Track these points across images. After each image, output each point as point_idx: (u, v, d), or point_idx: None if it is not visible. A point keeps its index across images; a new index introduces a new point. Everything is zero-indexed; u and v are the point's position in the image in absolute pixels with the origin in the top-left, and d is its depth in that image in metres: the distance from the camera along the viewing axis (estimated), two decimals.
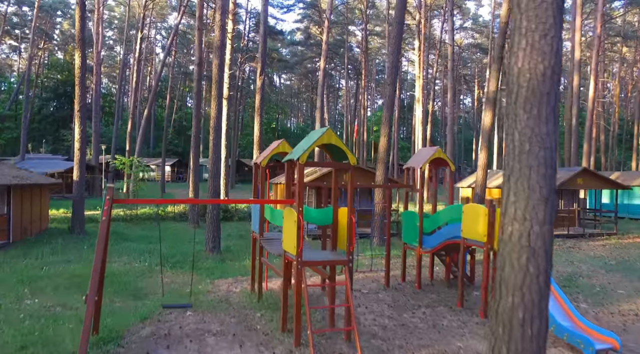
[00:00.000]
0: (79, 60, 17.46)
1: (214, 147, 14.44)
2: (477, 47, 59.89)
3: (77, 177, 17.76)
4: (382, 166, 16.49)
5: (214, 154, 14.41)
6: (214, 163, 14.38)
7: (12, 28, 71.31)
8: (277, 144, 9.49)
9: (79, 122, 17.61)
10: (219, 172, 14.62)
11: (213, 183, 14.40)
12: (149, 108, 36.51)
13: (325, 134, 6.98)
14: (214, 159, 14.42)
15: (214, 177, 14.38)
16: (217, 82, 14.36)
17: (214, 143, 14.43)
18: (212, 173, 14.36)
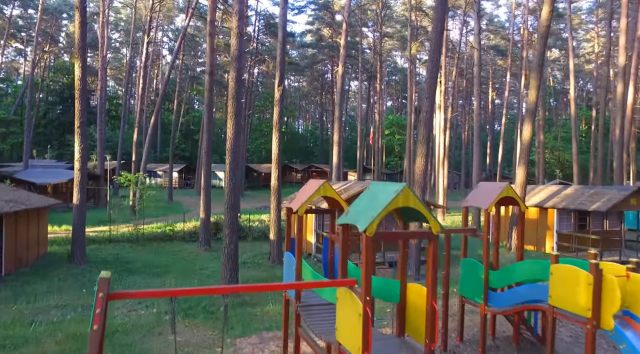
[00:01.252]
0: (79, 71, 15.73)
1: (230, 172, 12.63)
2: (494, 49, 57.72)
3: (77, 201, 16.03)
4: (419, 190, 14.61)
5: (231, 181, 12.60)
6: (231, 191, 12.57)
7: (18, 31, 69.99)
8: (318, 185, 7.64)
9: (79, 139, 15.88)
10: (238, 201, 12.80)
11: (230, 215, 12.59)
12: (156, 115, 34.82)
13: (401, 194, 5.12)
14: (231, 186, 12.61)
15: (231, 208, 12.57)
16: (234, 98, 12.55)
17: (231, 168, 12.62)
18: (229, 203, 12.55)
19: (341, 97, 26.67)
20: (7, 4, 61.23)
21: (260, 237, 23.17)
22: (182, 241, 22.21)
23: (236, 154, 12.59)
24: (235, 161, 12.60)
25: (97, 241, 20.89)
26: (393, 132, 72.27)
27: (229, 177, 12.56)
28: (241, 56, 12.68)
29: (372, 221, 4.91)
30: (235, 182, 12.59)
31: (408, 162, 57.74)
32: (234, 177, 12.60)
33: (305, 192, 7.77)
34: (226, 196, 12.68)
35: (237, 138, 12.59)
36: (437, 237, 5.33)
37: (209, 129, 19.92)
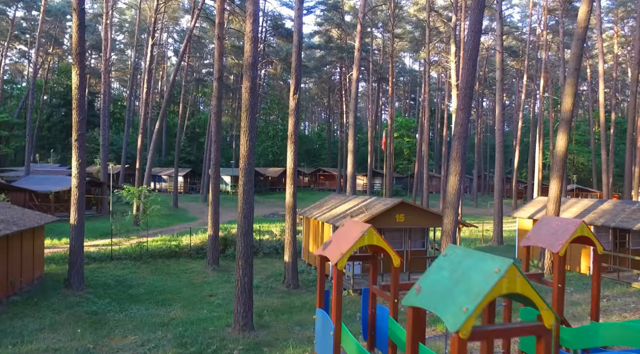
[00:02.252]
0: (77, 79, 14.36)
1: (244, 194, 11.21)
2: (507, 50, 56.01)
3: (75, 220, 14.67)
4: (453, 212, 13.15)
5: (245, 205, 11.17)
6: (245, 217, 11.15)
7: (22, 33, 68.93)
8: (360, 231, 6.18)
9: (77, 153, 14.51)
10: (251, 227, 11.38)
11: (244, 242, 11.17)
12: (161, 119, 33.49)
13: (505, 278, 3.67)
14: (245, 210, 11.20)
15: (244, 236, 11.14)
16: (248, 111, 11.13)
17: (245, 190, 11.20)
18: (243, 231, 11.13)
19: (355, 103, 25.20)
20: (10, 6, 60.19)
21: (271, 253, 21.75)
22: (188, 258, 20.82)
23: (250, 174, 11.16)
24: (250, 182, 11.17)
25: (97, 259, 19.54)
26: (402, 135, 70.69)
27: (243, 200, 11.14)
28: (256, 64, 11.26)
29: (468, 318, 3.44)
30: (249, 207, 11.17)
31: (419, 167, 56.28)
32: (248, 200, 11.18)
33: (345, 238, 6.29)
34: (239, 222, 11.26)
35: (251, 156, 11.18)
36: (549, 332, 3.87)
37: (217, 139, 18.50)
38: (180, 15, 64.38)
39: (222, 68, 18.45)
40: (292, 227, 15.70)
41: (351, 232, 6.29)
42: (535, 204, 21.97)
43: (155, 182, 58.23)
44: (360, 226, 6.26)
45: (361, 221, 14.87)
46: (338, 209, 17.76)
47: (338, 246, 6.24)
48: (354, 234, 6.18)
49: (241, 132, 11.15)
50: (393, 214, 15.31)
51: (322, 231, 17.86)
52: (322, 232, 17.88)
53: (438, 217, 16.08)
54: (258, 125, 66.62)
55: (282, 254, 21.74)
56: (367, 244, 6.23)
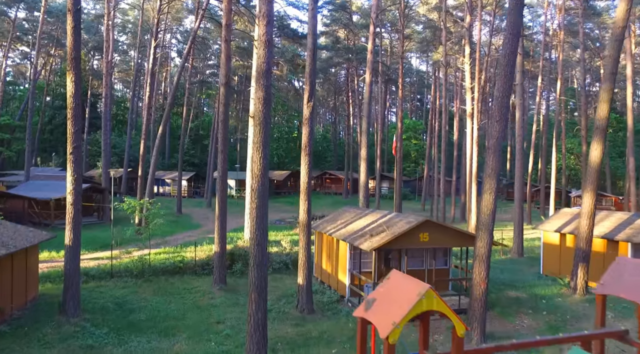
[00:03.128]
0: (73, 86, 13.12)
1: (257, 219, 9.93)
2: None
3: (70, 241, 13.43)
4: (487, 234, 11.84)
5: (258, 231, 9.90)
6: (258, 244, 9.88)
7: (24, 34, 67.86)
8: (415, 294, 4.87)
9: (72, 168, 13.27)
10: (265, 256, 10.10)
11: (258, 273, 9.89)
12: (164, 124, 32.27)
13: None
14: (257, 237, 9.92)
15: (258, 267, 9.87)
16: (262, 124, 9.85)
17: (258, 214, 9.92)
18: (256, 261, 9.85)
19: (369, 107, 23.90)
20: (11, 7, 59.17)
21: (281, 269, 20.44)
22: (193, 275, 19.51)
23: (264, 197, 9.89)
24: (264, 206, 9.90)
25: (96, 277, 18.29)
26: (409, 137, 69.33)
27: (256, 225, 9.87)
28: (270, 71, 10.00)
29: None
30: (263, 234, 9.90)
31: (428, 170, 54.96)
32: (262, 226, 9.90)
33: (395, 300, 4.99)
34: (252, 251, 9.99)
35: (265, 176, 9.90)
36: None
37: (224, 148, 17.23)
38: (183, 16, 63.26)
39: (230, 73, 17.17)
40: (306, 246, 14.41)
41: (404, 293, 4.98)
42: (562, 217, 20.59)
43: (158, 186, 57.09)
44: (416, 286, 4.95)
45: (383, 240, 13.59)
46: (355, 225, 16.46)
47: (387, 309, 4.92)
48: (407, 295, 4.87)
49: (254, 148, 9.87)
50: (417, 234, 14.01)
51: (338, 248, 16.57)
52: (338, 250, 16.59)
53: (465, 236, 14.77)
54: None
55: (292, 269, 20.48)
56: (426, 309, 4.92)
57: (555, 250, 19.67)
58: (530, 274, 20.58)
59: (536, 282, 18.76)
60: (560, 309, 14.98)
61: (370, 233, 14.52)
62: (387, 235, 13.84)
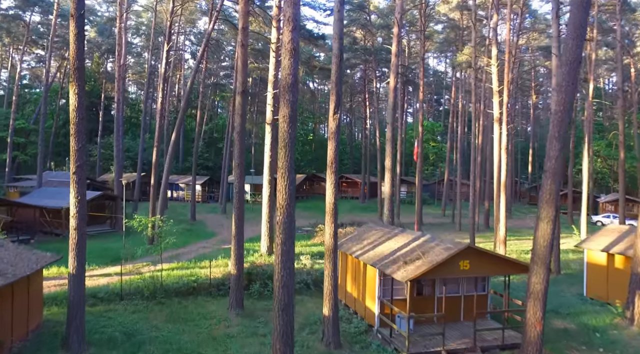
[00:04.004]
0: (75, 100, 11.90)
1: (283, 255, 8.56)
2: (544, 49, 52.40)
3: (74, 269, 12.21)
4: (543, 269, 10.30)
5: (285, 265, 8.52)
6: (283, 286, 8.49)
7: (39, 37, 67.65)
8: None
9: (75, 189, 12.05)
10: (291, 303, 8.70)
11: (283, 319, 8.49)
12: (178, 128, 31.09)
13: None
14: (284, 277, 8.53)
15: (283, 310, 8.47)
16: (287, 146, 8.45)
17: (284, 250, 8.55)
18: (281, 304, 8.46)
19: (394, 113, 22.39)
20: (26, 10, 58.85)
21: (302, 290, 19.02)
22: (207, 296, 18.23)
23: (291, 228, 8.49)
24: (291, 239, 8.51)
25: (105, 300, 17.11)
26: (427, 140, 67.49)
27: (281, 263, 8.50)
28: (296, 84, 8.59)
29: None
30: (289, 273, 8.52)
31: (448, 175, 53.16)
32: (288, 264, 8.51)
33: None
34: (277, 292, 8.61)
35: (292, 205, 8.50)
36: None
37: (240, 162, 15.88)
38: (197, 17, 62.30)
39: (247, 80, 15.83)
40: (333, 274, 12.98)
41: None
42: (608, 234, 18.84)
43: (172, 191, 56.24)
44: None
45: (419, 270, 12.09)
46: (383, 247, 14.99)
47: None
48: None
49: (279, 175, 8.47)
50: (456, 261, 12.50)
51: (365, 273, 15.11)
52: (365, 274, 15.13)
53: (511, 264, 13.20)
54: None
55: (314, 290, 19.08)
56: None
57: (602, 271, 17.94)
58: (573, 296, 18.87)
59: (582, 307, 17.08)
60: (618, 345, 13.33)
61: (404, 260, 13.04)
62: (423, 263, 12.35)
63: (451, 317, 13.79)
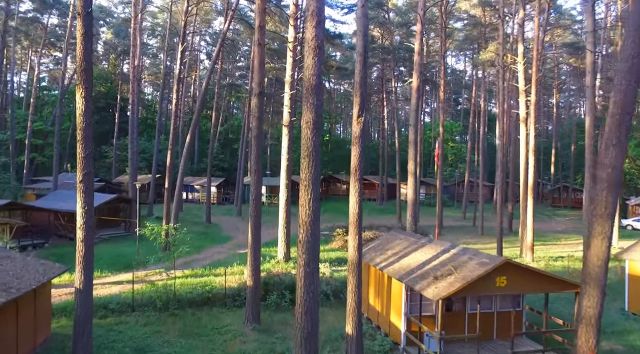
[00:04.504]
0: (83, 103, 11.15)
1: (306, 278, 7.62)
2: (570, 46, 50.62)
3: (81, 284, 11.47)
4: (598, 291, 9.16)
5: (307, 295, 7.58)
6: (307, 312, 7.54)
7: (57, 40, 68.05)
8: None
9: (82, 199, 11.30)
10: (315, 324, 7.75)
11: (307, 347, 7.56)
12: (192, 130, 30.46)
13: None
14: (308, 302, 7.60)
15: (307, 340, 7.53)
16: (311, 155, 7.51)
17: (307, 272, 7.63)
18: (305, 331, 7.52)
19: (417, 115, 21.31)
20: (43, 13, 59.11)
21: (322, 302, 17.95)
22: (222, 307, 17.40)
23: (315, 250, 7.55)
24: (314, 259, 7.56)
25: (116, 311, 16.40)
26: (446, 140, 65.93)
27: (304, 287, 7.60)
28: (321, 86, 7.63)
29: None
30: (314, 299, 7.58)
31: (468, 176, 51.73)
32: (312, 288, 7.58)
33: None
34: (300, 318, 7.68)
35: (316, 223, 7.55)
36: None
37: (257, 168, 15.00)
38: (212, 18, 61.81)
39: (264, 81, 14.94)
40: (357, 290, 12.00)
41: None
42: None
43: (187, 193, 55.82)
44: None
45: (453, 288, 11.05)
46: (410, 259, 13.95)
47: None
48: None
49: (301, 187, 7.55)
50: (492, 278, 11.43)
51: (390, 286, 14.10)
52: (390, 288, 14.12)
53: (554, 281, 12.05)
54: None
55: (334, 302, 18.13)
56: None
57: None
58: (614, 311, 17.54)
59: (625, 324, 15.79)
60: None
61: (434, 275, 12.00)
62: (456, 280, 11.30)
63: (484, 335, 12.71)
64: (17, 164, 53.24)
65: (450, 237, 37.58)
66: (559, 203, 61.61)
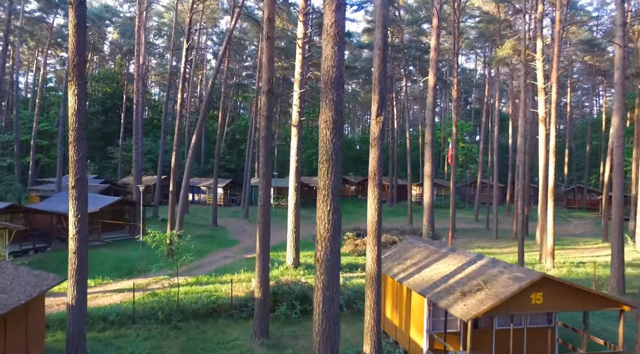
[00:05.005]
0: (75, 101, 10.15)
1: (325, 304, 6.51)
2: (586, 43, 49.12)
3: (74, 299, 10.47)
4: None
5: (326, 323, 6.48)
6: (327, 339, 6.45)
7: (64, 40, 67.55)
8: None
9: (74, 206, 10.29)
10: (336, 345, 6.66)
11: None
12: (198, 131, 29.46)
13: None
14: (326, 331, 6.50)
15: None
16: (329, 160, 6.42)
17: (326, 298, 6.50)
18: None
19: (433, 115, 20.15)
20: (49, 13, 58.53)
21: None
22: (229, 319, 16.37)
23: (335, 270, 6.46)
24: (334, 281, 6.47)
25: (115, 323, 15.40)
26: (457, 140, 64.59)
27: (322, 319, 6.45)
28: (341, 79, 6.56)
29: None
30: (333, 329, 6.47)
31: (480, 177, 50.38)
32: (330, 317, 6.47)
33: None
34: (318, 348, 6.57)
35: (336, 239, 6.46)
36: None
37: (266, 171, 13.93)
38: (219, 16, 60.91)
39: (273, 78, 13.88)
40: (375, 307, 10.90)
41: None
42: None
43: (193, 194, 54.99)
44: None
45: (484, 306, 9.91)
46: (431, 271, 12.82)
47: None
48: None
49: (318, 197, 6.46)
50: (528, 294, 10.29)
51: (410, 300, 12.98)
52: (409, 301, 13.00)
53: (597, 299, 10.86)
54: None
55: (347, 312, 17.00)
56: None
57: None
58: None
59: None
60: None
61: (461, 290, 10.87)
62: (487, 297, 10.16)
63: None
64: (22, 165, 52.64)
65: (464, 240, 36.31)
66: (574, 204, 60.09)
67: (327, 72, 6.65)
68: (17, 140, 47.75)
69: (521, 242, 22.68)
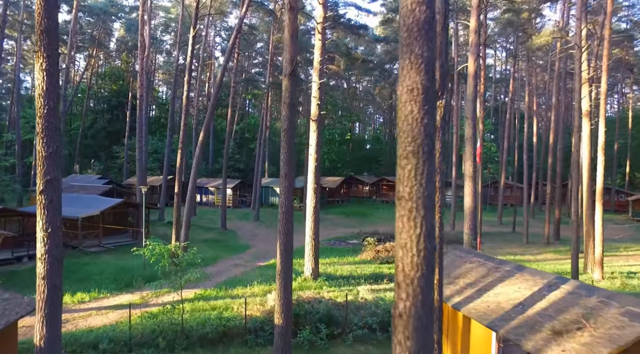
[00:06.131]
0: (44, 78, 7.78)
1: None
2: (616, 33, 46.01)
3: (43, 341, 7.98)
4: None
5: None
6: None
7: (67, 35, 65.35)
8: None
9: (44, 216, 7.82)
10: None
11: None
12: (206, 129, 27.07)
13: None
14: None
15: None
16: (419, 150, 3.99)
17: None
18: None
19: (473, 106, 17.45)
20: None
21: (365, 339, 14.39)
22: (242, 345, 13.86)
23: (429, 330, 3.86)
24: (427, 348, 3.85)
25: (108, 352, 12.93)
26: None
27: None
28: (433, 24, 3.95)
29: None
30: None
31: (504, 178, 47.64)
32: None
33: None
34: None
35: (431, 278, 3.85)
36: None
37: (288, 171, 11.38)
38: (227, 10, 58.51)
39: (296, 58, 11.31)
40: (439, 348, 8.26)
41: None
42: None
43: (201, 195, 52.66)
44: None
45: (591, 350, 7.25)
46: (496, 296, 10.20)
47: None
48: None
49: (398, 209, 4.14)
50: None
51: (468, 332, 10.37)
52: (468, 334, 10.39)
53: None
54: None
55: (381, 337, 14.45)
56: None
57: None
58: None
59: None
60: None
61: (552, 327, 8.23)
62: (595, 340, 7.52)
63: None
64: (24, 165, 50.60)
65: (492, 245, 33.56)
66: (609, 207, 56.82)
67: (411, 12, 4.07)
68: (19, 139, 45.69)
69: (575, 253, 19.93)
